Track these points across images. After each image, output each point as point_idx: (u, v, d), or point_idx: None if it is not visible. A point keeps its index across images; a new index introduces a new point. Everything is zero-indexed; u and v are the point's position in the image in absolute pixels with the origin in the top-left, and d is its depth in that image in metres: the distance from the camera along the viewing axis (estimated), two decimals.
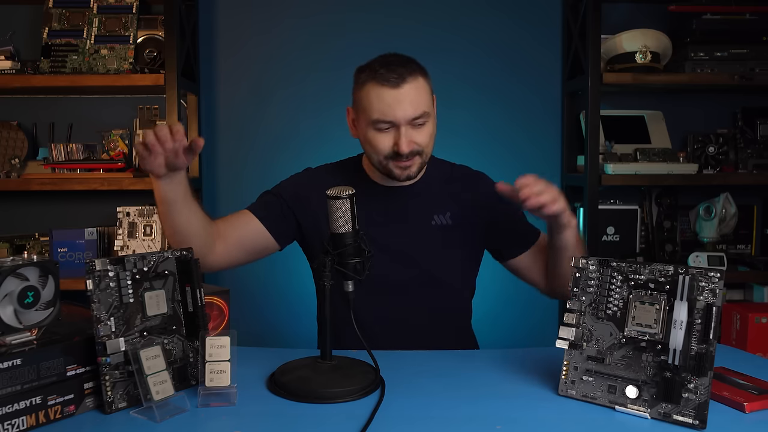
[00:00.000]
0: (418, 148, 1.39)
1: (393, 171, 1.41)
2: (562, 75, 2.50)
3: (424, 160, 1.43)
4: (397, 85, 1.35)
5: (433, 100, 1.44)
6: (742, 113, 2.46)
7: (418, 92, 1.37)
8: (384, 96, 1.36)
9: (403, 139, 1.36)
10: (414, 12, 2.49)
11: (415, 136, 1.38)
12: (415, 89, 1.37)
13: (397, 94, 1.35)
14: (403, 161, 1.39)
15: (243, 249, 1.47)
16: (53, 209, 2.49)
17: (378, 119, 1.37)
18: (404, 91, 1.35)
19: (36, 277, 0.95)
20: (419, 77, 1.39)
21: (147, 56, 2.31)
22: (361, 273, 1.12)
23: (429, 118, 1.40)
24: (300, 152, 2.48)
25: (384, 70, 1.36)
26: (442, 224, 1.49)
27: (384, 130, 1.38)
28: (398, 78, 1.35)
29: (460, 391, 1.07)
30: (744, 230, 2.48)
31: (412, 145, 1.37)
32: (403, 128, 1.36)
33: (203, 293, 1.09)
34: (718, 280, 0.95)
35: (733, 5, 2.29)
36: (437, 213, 1.49)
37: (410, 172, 1.42)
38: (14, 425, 0.88)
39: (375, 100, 1.37)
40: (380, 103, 1.36)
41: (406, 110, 1.35)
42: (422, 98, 1.38)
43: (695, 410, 0.93)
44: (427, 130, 1.40)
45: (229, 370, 1.00)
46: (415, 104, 1.36)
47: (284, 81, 2.50)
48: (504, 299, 2.46)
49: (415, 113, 1.36)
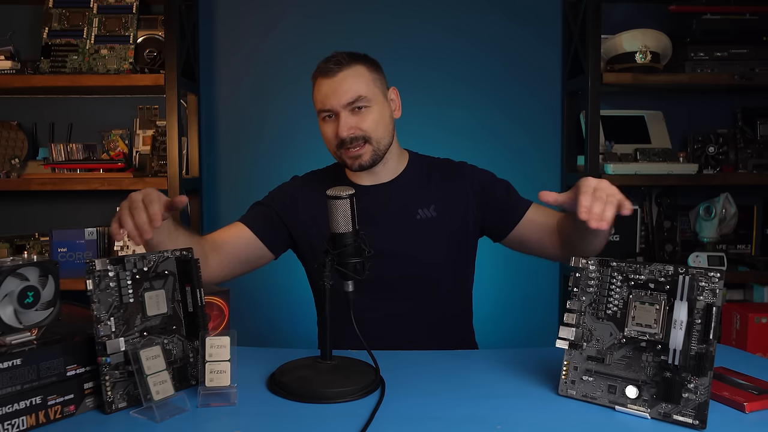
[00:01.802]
0: (361, 134, 1.42)
1: (346, 161, 1.45)
2: (562, 75, 2.50)
3: (377, 148, 1.44)
4: (334, 74, 1.41)
5: (379, 88, 1.46)
6: (742, 113, 2.46)
7: (355, 79, 1.41)
8: (322, 86, 1.43)
9: (341, 123, 1.41)
10: (414, 12, 2.49)
11: (356, 121, 1.42)
12: (351, 76, 1.41)
13: (332, 82, 1.41)
14: (350, 149, 1.42)
15: (237, 260, 1.49)
16: (53, 209, 2.49)
17: (320, 109, 1.44)
18: (339, 78, 1.41)
19: (36, 277, 0.95)
20: (358, 65, 1.43)
21: (147, 56, 2.31)
22: (361, 273, 1.12)
23: (371, 103, 1.43)
24: (300, 152, 2.48)
25: (324, 63, 1.44)
26: (427, 217, 1.49)
27: (328, 120, 1.44)
28: (335, 67, 1.41)
29: (460, 391, 1.07)
30: (744, 230, 2.48)
31: (352, 130, 1.41)
32: (342, 114, 1.41)
33: (203, 293, 1.09)
34: (718, 280, 0.95)
35: (733, 5, 2.30)
36: (421, 207, 1.50)
37: (362, 161, 1.44)
38: (14, 425, 0.88)
39: (317, 92, 1.45)
40: (320, 94, 1.44)
41: (339, 96, 1.40)
42: (359, 84, 1.42)
43: (695, 410, 0.93)
44: (371, 116, 1.43)
45: (229, 370, 1.00)
46: (351, 90, 1.40)
47: (284, 81, 2.50)
48: (504, 299, 2.46)
49: (349, 98, 1.40)
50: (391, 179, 1.52)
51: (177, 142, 2.21)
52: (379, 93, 1.46)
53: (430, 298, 1.48)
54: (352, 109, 1.41)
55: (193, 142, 2.45)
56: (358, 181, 1.51)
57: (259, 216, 1.52)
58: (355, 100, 1.41)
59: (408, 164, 1.55)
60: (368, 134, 1.42)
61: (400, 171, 1.53)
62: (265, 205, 1.54)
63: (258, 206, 1.55)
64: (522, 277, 2.49)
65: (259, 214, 1.53)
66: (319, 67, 1.45)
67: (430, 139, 1.95)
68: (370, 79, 1.44)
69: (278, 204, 1.53)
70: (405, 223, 1.49)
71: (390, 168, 1.52)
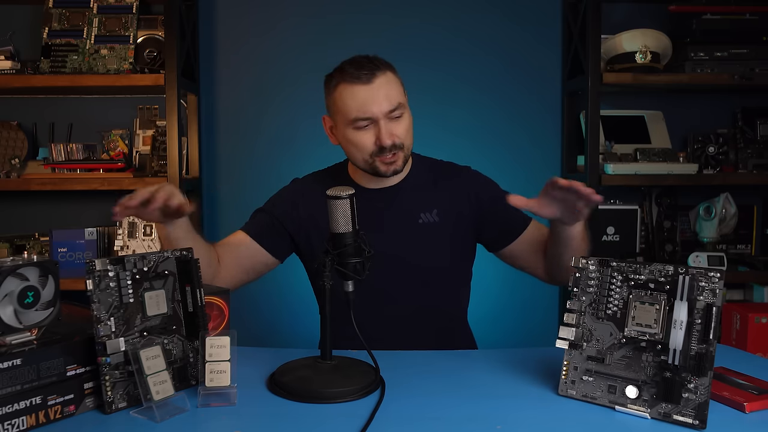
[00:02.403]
0: (399, 141, 1.41)
1: (379, 168, 1.43)
2: (562, 75, 2.50)
3: (407, 154, 1.45)
4: (369, 81, 1.38)
5: (405, 95, 1.45)
6: (742, 113, 2.46)
7: (390, 85, 1.40)
8: (358, 94, 1.38)
9: (383, 131, 1.39)
10: (414, 12, 2.49)
11: (394, 128, 1.40)
12: (386, 83, 1.39)
13: (370, 89, 1.38)
14: (387, 156, 1.41)
15: (244, 270, 1.50)
16: (53, 209, 2.49)
17: (356, 117, 1.39)
18: (376, 85, 1.38)
19: (36, 277, 0.95)
20: (387, 71, 1.42)
21: (147, 56, 2.31)
22: (361, 273, 1.12)
23: (404, 110, 1.43)
24: (300, 152, 2.48)
25: (353, 69, 1.39)
26: (429, 222, 1.49)
27: (364, 127, 1.40)
28: (368, 74, 1.38)
29: (460, 391, 1.07)
30: (744, 230, 2.48)
31: (394, 137, 1.40)
32: (382, 122, 1.39)
33: (203, 293, 1.09)
34: (718, 280, 0.95)
35: (733, 5, 2.30)
36: (423, 211, 1.49)
37: (396, 167, 1.43)
38: (14, 425, 0.88)
39: (350, 99, 1.39)
40: (355, 101, 1.39)
41: (381, 104, 1.38)
42: (395, 90, 1.41)
43: (695, 410, 0.93)
44: (405, 122, 1.43)
45: (229, 370, 1.00)
46: (390, 97, 1.39)
47: (284, 81, 2.50)
48: (504, 300, 2.46)
49: (390, 105, 1.39)
50: (394, 183, 1.51)
51: (177, 142, 2.21)
52: (406, 100, 1.46)
53: (429, 302, 1.48)
54: (390, 117, 1.40)
55: (193, 142, 2.45)
56: (362, 183, 1.51)
57: (261, 224, 1.52)
58: (395, 108, 1.39)
59: (412, 167, 1.54)
60: (403, 141, 1.42)
61: (404, 174, 1.52)
62: (266, 211, 1.54)
63: (259, 213, 1.55)
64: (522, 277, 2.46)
65: (261, 221, 1.53)
66: (348, 73, 1.39)
67: (430, 139, 1.94)
68: (401, 85, 1.44)
69: (278, 209, 1.53)
70: (407, 227, 1.48)
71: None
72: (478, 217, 1.51)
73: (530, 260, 1.52)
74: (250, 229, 1.52)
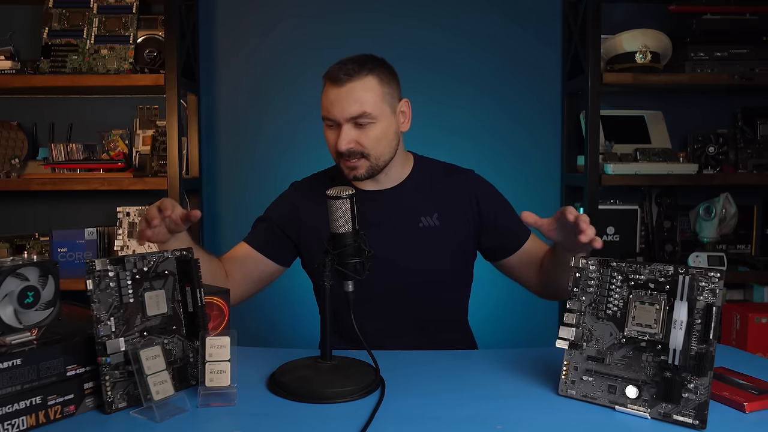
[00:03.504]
0: (360, 149, 1.38)
1: (343, 170, 1.43)
2: (562, 75, 2.50)
3: (374, 163, 1.41)
4: (342, 84, 1.36)
5: (387, 103, 1.40)
6: (742, 113, 2.46)
7: (363, 93, 1.36)
8: (329, 93, 1.38)
9: (341, 136, 1.37)
10: (414, 12, 2.49)
11: (357, 136, 1.38)
12: (359, 89, 1.36)
13: (339, 92, 1.36)
14: (347, 160, 1.40)
15: (251, 281, 1.51)
16: (53, 209, 2.49)
17: (324, 116, 1.40)
18: (346, 89, 1.35)
19: (36, 277, 0.95)
20: (370, 77, 1.37)
21: (147, 56, 2.31)
22: (361, 273, 1.12)
23: (376, 119, 1.37)
24: (299, 152, 2.48)
25: (336, 67, 1.38)
26: (429, 226, 1.47)
27: (330, 127, 1.40)
28: (345, 76, 1.35)
29: (460, 391, 1.07)
30: (744, 230, 2.48)
31: (351, 143, 1.37)
32: (344, 126, 1.37)
33: (203, 293, 1.09)
34: (718, 280, 0.95)
35: (733, 5, 2.30)
36: (424, 215, 1.48)
37: (357, 174, 1.41)
38: (14, 425, 0.88)
39: (324, 97, 1.40)
40: (326, 100, 1.39)
41: (343, 108, 1.36)
42: (366, 98, 1.36)
43: (695, 410, 0.93)
44: (373, 132, 1.38)
45: (229, 370, 1.00)
46: (356, 104, 1.35)
47: (284, 81, 2.50)
48: (504, 300, 2.46)
49: (352, 112, 1.36)
50: (394, 185, 1.50)
51: (177, 142, 2.21)
52: (386, 108, 1.40)
53: (428, 305, 1.48)
54: (355, 123, 1.37)
55: (193, 142, 2.45)
56: (360, 185, 1.49)
57: (263, 233, 1.52)
58: (358, 116, 1.36)
59: (412, 170, 1.52)
60: (367, 150, 1.39)
61: (404, 177, 1.51)
62: (266, 220, 1.54)
63: (260, 223, 1.55)
64: None
65: (263, 231, 1.53)
66: (330, 71, 1.39)
67: (430, 139, 1.95)
68: (379, 94, 1.38)
69: (278, 216, 1.53)
70: (407, 231, 1.47)
71: (393, 175, 1.49)
72: (479, 224, 1.50)
73: (525, 273, 1.52)
74: (253, 240, 1.51)
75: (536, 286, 1.53)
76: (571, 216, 1.18)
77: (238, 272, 1.48)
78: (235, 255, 1.50)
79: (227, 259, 1.50)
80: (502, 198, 1.55)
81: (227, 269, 1.47)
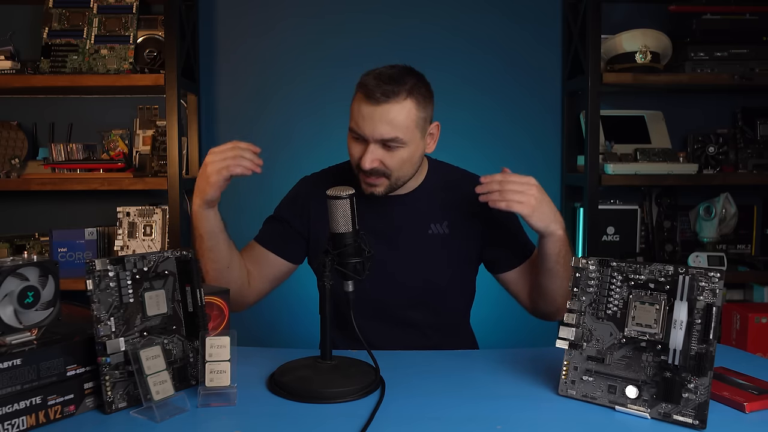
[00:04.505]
0: (384, 170, 1.36)
1: (360, 184, 1.39)
2: (562, 75, 2.50)
3: (394, 183, 1.39)
4: (377, 103, 1.30)
5: (419, 127, 1.37)
6: (742, 113, 2.46)
7: (398, 115, 1.31)
8: (362, 108, 1.33)
9: (367, 155, 1.33)
10: (414, 12, 2.49)
11: (383, 156, 1.34)
12: (395, 111, 1.31)
13: (373, 111, 1.31)
14: (367, 177, 1.37)
15: (267, 280, 1.50)
16: (53, 209, 2.49)
17: (352, 128, 1.36)
18: (382, 110, 1.31)
19: (36, 277, 0.95)
20: (406, 100, 1.32)
21: (147, 56, 2.31)
22: (361, 273, 1.12)
23: (405, 144, 1.34)
24: (300, 152, 2.48)
25: (373, 83, 1.32)
26: (438, 233, 1.47)
27: (356, 140, 1.37)
28: (381, 96, 1.30)
29: (460, 391, 1.07)
30: (744, 230, 2.48)
31: (376, 163, 1.34)
32: (372, 145, 1.33)
33: (203, 293, 1.09)
34: (718, 280, 0.95)
35: (733, 5, 2.30)
36: (434, 222, 1.47)
37: (374, 191, 1.39)
38: (14, 425, 0.88)
39: (355, 109, 1.35)
40: (357, 114, 1.34)
41: (375, 129, 1.31)
42: (400, 122, 1.32)
43: (695, 410, 0.93)
44: (400, 155, 1.35)
45: (229, 370, 1.00)
46: (389, 127, 1.31)
47: (284, 81, 2.50)
48: (505, 300, 2.43)
49: (384, 135, 1.32)
50: (409, 191, 1.48)
51: (177, 142, 2.21)
52: (417, 133, 1.36)
53: (432, 311, 1.47)
54: (384, 144, 1.33)
55: (193, 142, 2.45)
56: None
57: (273, 232, 1.51)
58: (391, 140, 1.32)
59: (427, 174, 1.50)
60: (390, 171, 1.36)
61: (418, 183, 1.49)
62: (275, 218, 1.53)
63: (270, 221, 1.54)
64: None
65: (273, 230, 1.52)
66: (366, 84, 1.33)
67: None
68: (414, 119, 1.34)
69: (286, 213, 1.52)
70: (416, 237, 1.46)
71: (407, 185, 1.47)
72: (487, 236, 1.49)
73: (522, 290, 1.52)
74: (266, 240, 1.51)
75: (531, 303, 1.52)
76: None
77: (254, 272, 1.48)
78: (249, 254, 1.49)
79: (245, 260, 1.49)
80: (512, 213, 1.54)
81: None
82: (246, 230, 1.57)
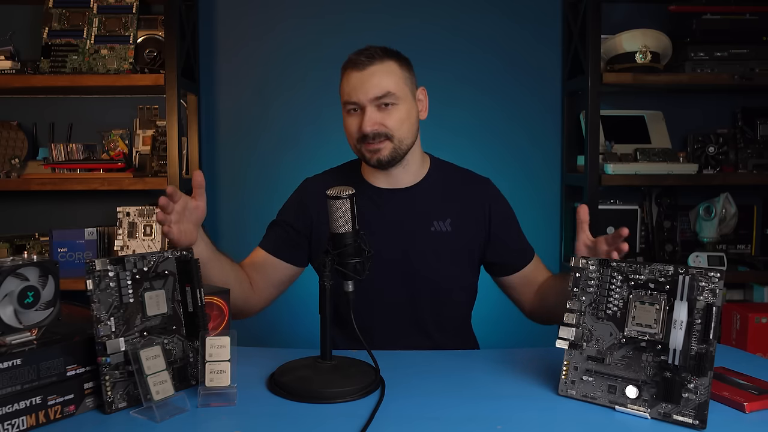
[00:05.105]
0: (385, 131, 1.39)
1: (365, 155, 1.43)
2: (562, 75, 2.50)
3: (398, 146, 1.41)
4: (363, 67, 1.38)
5: (408, 87, 1.43)
6: (742, 113, 2.46)
7: (385, 74, 1.39)
8: (351, 78, 1.40)
9: (366, 118, 1.38)
10: (414, 12, 2.49)
11: (382, 117, 1.39)
12: (381, 71, 1.39)
13: (362, 75, 1.38)
14: (370, 143, 1.40)
15: (273, 286, 1.51)
16: (53, 209, 2.49)
17: (346, 101, 1.41)
18: (369, 72, 1.38)
19: (36, 277, 0.95)
20: (390, 61, 1.41)
21: (147, 56, 2.31)
22: (361, 273, 1.12)
23: (399, 101, 1.40)
24: (300, 152, 2.48)
25: (355, 55, 1.41)
26: (441, 231, 1.47)
27: (352, 112, 1.41)
28: (366, 60, 1.38)
29: (460, 391, 1.07)
30: (744, 230, 2.48)
31: (376, 125, 1.38)
32: (368, 108, 1.38)
33: (203, 293, 1.09)
34: (718, 280, 0.95)
35: (733, 5, 2.30)
36: (437, 219, 1.47)
37: (380, 156, 1.41)
38: (14, 425, 0.88)
39: (345, 83, 1.41)
40: (348, 86, 1.40)
41: (367, 90, 1.38)
42: (389, 79, 1.39)
43: (695, 410, 0.93)
44: (397, 113, 1.40)
45: (229, 370, 1.00)
46: (379, 84, 1.38)
47: (284, 81, 2.50)
48: (505, 300, 2.44)
49: (377, 93, 1.38)
50: (411, 185, 1.49)
51: (177, 142, 2.21)
52: (408, 91, 1.43)
53: (433, 309, 1.47)
54: (379, 105, 1.38)
55: (193, 142, 2.45)
56: (376, 183, 1.49)
57: (279, 238, 1.52)
58: (382, 96, 1.38)
59: (429, 171, 1.52)
60: (391, 132, 1.39)
61: (420, 177, 1.50)
62: (279, 223, 1.53)
63: (274, 227, 1.54)
64: None
65: (276, 235, 1.52)
66: (349, 59, 1.42)
67: (430, 140, 1.94)
68: (401, 77, 1.41)
69: (289, 217, 1.52)
70: (419, 233, 1.46)
71: (410, 172, 1.49)
72: (490, 238, 1.50)
73: (522, 294, 1.53)
74: (270, 246, 1.51)
75: (530, 308, 1.53)
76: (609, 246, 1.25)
77: (260, 279, 1.48)
78: (254, 262, 1.50)
79: (247, 266, 1.49)
80: (514, 216, 1.55)
81: (249, 276, 1.47)
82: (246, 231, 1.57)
